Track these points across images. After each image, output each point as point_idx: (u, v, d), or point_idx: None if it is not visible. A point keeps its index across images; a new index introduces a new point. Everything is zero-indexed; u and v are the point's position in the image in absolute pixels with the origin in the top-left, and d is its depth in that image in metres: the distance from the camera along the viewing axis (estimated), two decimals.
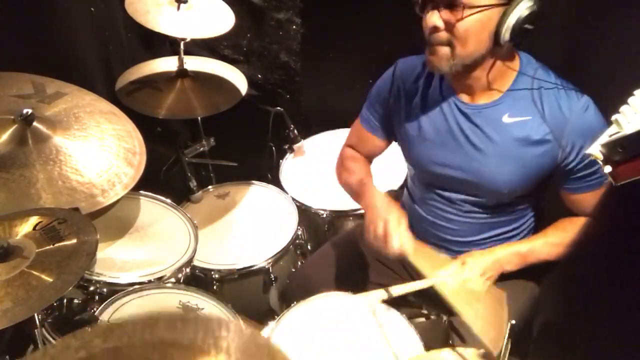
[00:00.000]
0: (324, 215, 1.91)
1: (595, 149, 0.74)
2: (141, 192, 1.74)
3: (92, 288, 1.44)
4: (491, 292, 1.28)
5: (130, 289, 1.44)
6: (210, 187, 2.05)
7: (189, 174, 1.98)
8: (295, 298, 1.43)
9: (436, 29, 1.18)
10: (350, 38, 2.27)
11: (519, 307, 1.41)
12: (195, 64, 2.05)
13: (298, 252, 1.89)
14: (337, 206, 1.91)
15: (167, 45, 2.36)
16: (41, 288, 1.00)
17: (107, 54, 2.19)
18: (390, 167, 1.93)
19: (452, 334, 1.45)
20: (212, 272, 1.70)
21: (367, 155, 1.62)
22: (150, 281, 1.48)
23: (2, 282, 1.01)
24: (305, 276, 1.62)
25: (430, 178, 1.41)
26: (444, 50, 1.20)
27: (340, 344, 1.31)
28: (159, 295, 1.45)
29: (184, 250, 1.61)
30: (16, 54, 1.69)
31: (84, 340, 0.44)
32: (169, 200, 1.76)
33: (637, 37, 1.32)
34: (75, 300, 1.45)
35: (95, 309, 1.40)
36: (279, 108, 2.19)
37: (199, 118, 2.12)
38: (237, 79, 2.06)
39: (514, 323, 0.95)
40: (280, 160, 2.16)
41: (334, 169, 1.66)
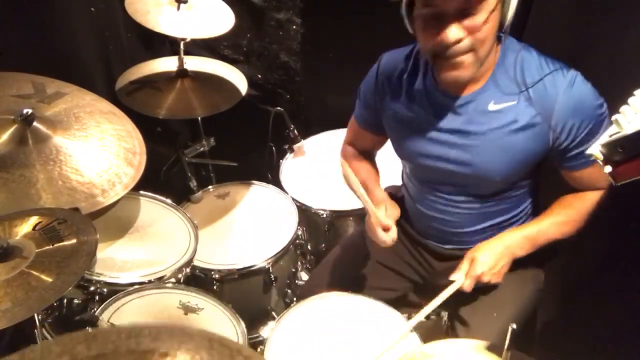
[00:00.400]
0: (324, 215, 1.91)
1: (595, 149, 0.74)
2: (141, 192, 1.74)
3: (92, 288, 1.44)
4: None
5: (130, 289, 1.43)
6: (210, 187, 2.05)
7: (189, 174, 1.98)
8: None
9: (459, 40, 1.11)
10: (350, 38, 2.27)
11: (524, 300, 1.41)
12: (195, 64, 2.05)
13: (298, 252, 1.89)
14: (337, 206, 1.91)
15: (167, 45, 2.36)
16: (41, 288, 1.00)
17: (107, 54, 2.20)
18: (390, 165, 1.93)
19: (452, 333, 1.45)
20: (212, 272, 1.70)
21: (367, 151, 1.62)
22: (150, 281, 1.48)
23: (2, 282, 1.01)
24: (315, 286, 1.60)
25: (423, 172, 1.40)
26: (469, 59, 1.14)
27: (340, 344, 1.31)
28: (159, 295, 1.45)
29: (184, 250, 1.60)
30: (16, 54, 1.70)
31: (65, 346, 0.43)
32: (169, 200, 1.76)
33: (637, 37, 1.32)
34: (75, 300, 1.45)
35: (95, 309, 1.40)
36: (279, 108, 2.19)
37: (199, 118, 2.12)
38: (237, 79, 2.06)
39: (515, 327, 0.95)
40: (280, 160, 2.16)
41: (334, 169, 1.66)
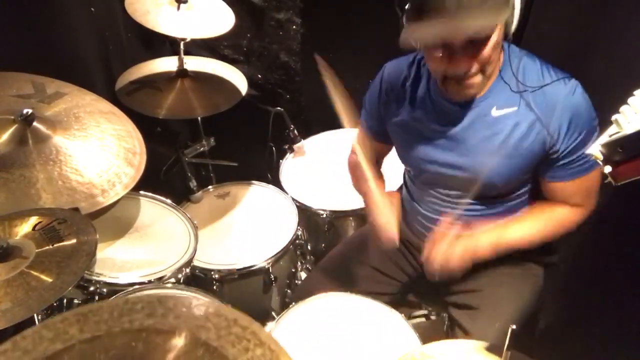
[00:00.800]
0: (324, 215, 1.91)
1: (595, 149, 0.74)
2: (141, 192, 1.74)
3: (92, 288, 1.43)
4: None
5: (130, 289, 1.43)
6: (210, 187, 2.05)
7: (189, 174, 1.98)
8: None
9: (469, 69, 1.16)
10: (350, 38, 2.27)
11: (524, 300, 1.42)
12: (195, 64, 2.05)
13: (298, 252, 1.89)
14: (337, 206, 1.91)
15: (167, 45, 2.36)
16: (41, 288, 1.00)
17: (107, 54, 2.19)
18: (390, 165, 1.93)
19: (457, 333, 1.45)
20: (212, 272, 1.70)
21: (373, 158, 1.62)
22: (150, 281, 1.48)
23: (2, 282, 1.01)
24: (312, 285, 1.61)
25: (426, 177, 1.42)
26: (477, 80, 1.19)
27: (340, 344, 1.31)
28: None
29: (184, 250, 1.60)
30: (16, 54, 1.69)
31: (57, 331, 0.41)
32: (169, 200, 1.76)
33: (637, 37, 1.32)
34: (75, 300, 1.45)
35: None
36: (279, 108, 2.19)
37: (199, 118, 2.12)
38: (237, 79, 2.06)
39: (515, 328, 0.95)
40: (280, 160, 2.16)
41: (334, 169, 1.66)
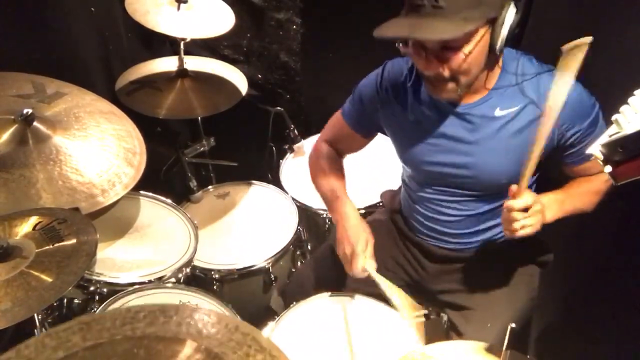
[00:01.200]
0: (324, 215, 1.90)
1: (596, 149, 0.74)
2: (141, 192, 1.74)
3: (92, 288, 1.44)
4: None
5: (130, 289, 1.43)
6: (210, 187, 2.05)
7: (189, 174, 1.98)
8: (294, 299, 1.44)
9: (440, 74, 1.16)
10: (350, 38, 2.26)
11: (521, 300, 1.42)
12: (195, 64, 2.05)
13: (298, 252, 1.89)
14: None
15: (167, 45, 2.36)
16: (41, 288, 1.00)
17: (107, 54, 2.19)
18: (390, 166, 1.94)
19: (452, 333, 1.45)
20: (212, 272, 1.70)
21: (345, 151, 1.61)
22: (150, 281, 1.48)
23: (2, 282, 1.01)
24: (303, 278, 1.62)
25: (427, 177, 1.41)
26: (450, 86, 1.19)
27: (340, 344, 1.31)
28: (159, 295, 1.45)
29: (184, 250, 1.60)
30: (16, 54, 1.69)
31: (60, 339, 0.42)
32: (169, 200, 1.76)
33: (637, 37, 1.32)
34: (75, 300, 1.45)
35: (95, 309, 1.40)
36: (279, 108, 2.19)
37: (199, 118, 2.12)
38: (237, 79, 2.06)
39: (514, 326, 0.95)
40: (280, 160, 2.16)
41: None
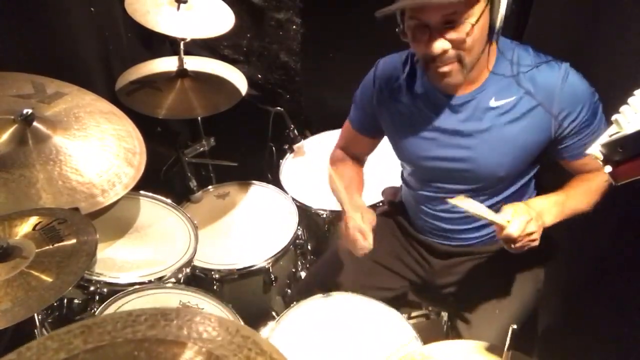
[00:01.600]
0: (324, 215, 1.91)
1: (596, 149, 0.74)
2: (141, 192, 1.74)
3: (92, 288, 1.44)
4: None
5: (130, 289, 1.43)
6: (210, 187, 2.05)
7: (189, 174, 1.98)
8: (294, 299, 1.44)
9: (445, 51, 1.16)
10: (350, 38, 2.27)
11: (524, 300, 1.41)
12: (195, 64, 2.05)
13: (298, 252, 1.89)
14: (337, 206, 1.88)
15: (167, 45, 2.36)
16: (41, 288, 1.00)
17: (107, 54, 2.19)
18: (390, 165, 1.93)
19: (452, 333, 1.45)
20: (212, 272, 1.70)
21: (359, 155, 1.62)
22: (150, 281, 1.48)
23: (2, 282, 1.01)
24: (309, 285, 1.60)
25: (425, 173, 1.40)
26: (456, 67, 1.19)
27: (340, 344, 1.31)
28: (159, 295, 1.45)
29: (184, 250, 1.60)
30: (16, 54, 1.69)
31: (61, 341, 0.42)
32: (169, 200, 1.76)
33: (637, 37, 1.32)
34: (75, 300, 1.45)
35: (95, 309, 1.40)
36: (279, 108, 2.19)
37: (199, 118, 2.12)
38: (237, 79, 2.06)
39: (515, 327, 0.95)
40: (280, 160, 2.16)
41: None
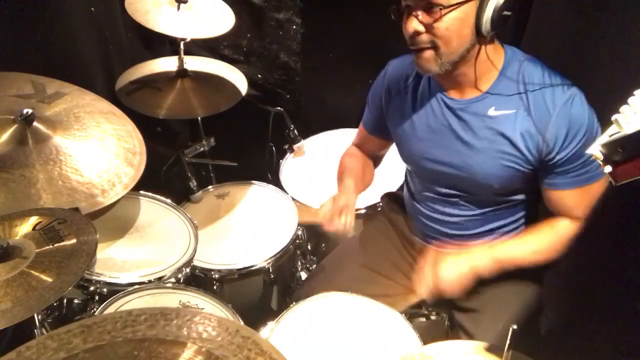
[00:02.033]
0: None
1: (595, 149, 0.74)
2: (141, 192, 1.74)
3: (92, 288, 1.43)
4: None
5: (130, 289, 1.43)
6: (210, 187, 2.05)
7: (189, 174, 1.97)
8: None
9: (417, 33, 1.20)
10: (350, 38, 2.27)
11: (525, 301, 1.41)
12: (195, 64, 2.05)
13: (298, 252, 1.89)
14: None
15: (167, 45, 2.36)
16: (41, 288, 1.00)
17: (107, 54, 2.19)
18: (390, 165, 1.93)
19: (452, 333, 1.45)
20: (212, 272, 1.70)
21: (371, 155, 1.66)
22: (150, 281, 1.48)
23: (2, 282, 1.01)
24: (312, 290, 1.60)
25: (425, 174, 1.43)
26: (429, 53, 1.22)
27: (340, 344, 1.31)
28: (159, 295, 1.45)
29: (184, 250, 1.60)
30: (16, 54, 1.69)
31: (61, 341, 0.42)
32: (169, 200, 1.76)
33: (637, 37, 1.32)
34: (75, 300, 1.45)
35: (95, 309, 1.40)
36: (279, 108, 2.19)
37: (199, 118, 2.12)
38: (237, 79, 2.06)
39: (515, 328, 0.95)
40: (280, 160, 2.16)
41: (334, 168, 1.66)
